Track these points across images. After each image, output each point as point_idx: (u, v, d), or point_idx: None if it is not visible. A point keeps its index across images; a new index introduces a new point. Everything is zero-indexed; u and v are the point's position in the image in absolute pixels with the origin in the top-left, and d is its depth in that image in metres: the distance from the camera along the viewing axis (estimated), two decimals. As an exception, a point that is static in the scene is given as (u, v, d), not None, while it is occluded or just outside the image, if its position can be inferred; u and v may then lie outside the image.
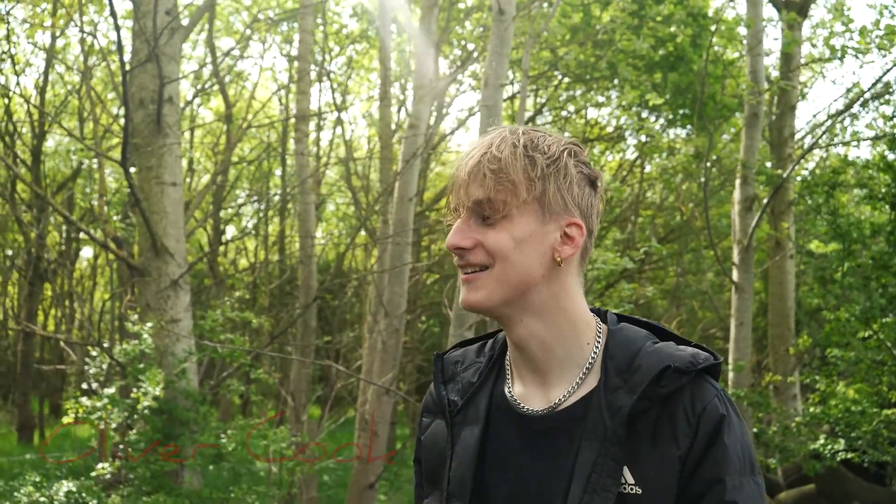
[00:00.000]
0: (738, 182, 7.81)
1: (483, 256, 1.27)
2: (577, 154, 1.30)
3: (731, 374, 7.14)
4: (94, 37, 9.99)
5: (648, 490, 1.20)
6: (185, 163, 15.22)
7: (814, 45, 11.83)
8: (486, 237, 1.26)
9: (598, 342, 1.31)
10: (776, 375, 8.01)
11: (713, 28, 8.95)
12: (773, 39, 16.42)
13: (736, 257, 7.52)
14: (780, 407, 7.34)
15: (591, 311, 1.37)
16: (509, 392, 1.34)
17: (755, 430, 7.08)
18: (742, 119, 8.28)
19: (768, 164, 9.03)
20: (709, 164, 8.18)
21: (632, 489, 1.20)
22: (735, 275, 7.44)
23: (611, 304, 8.45)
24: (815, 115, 15.16)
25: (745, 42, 8.45)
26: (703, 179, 8.21)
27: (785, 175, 7.86)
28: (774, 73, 9.97)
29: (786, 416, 7.18)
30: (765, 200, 8.03)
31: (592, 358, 1.30)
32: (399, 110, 12.25)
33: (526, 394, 1.32)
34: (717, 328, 13.17)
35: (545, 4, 9.17)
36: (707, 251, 11.08)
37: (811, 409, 6.69)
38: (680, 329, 12.88)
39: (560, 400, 1.28)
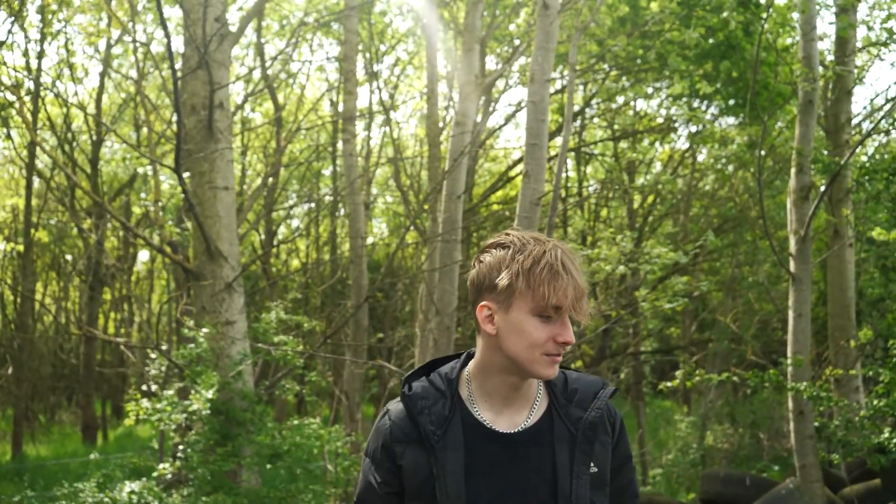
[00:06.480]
0: (793, 171, 7.61)
1: None
2: None
3: (789, 369, 6.96)
4: (148, 46, 10.21)
5: (601, 469, 1.80)
6: (237, 167, 15.46)
7: (870, 29, 11.44)
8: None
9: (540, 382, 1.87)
10: (837, 369, 7.77)
11: (765, 15, 8.73)
12: (828, 24, 15.98)
13: (793, 248, 7.33)
14: (842, 400, 7.13)
15: None
16: (481, 418, 1.80)
17: (816, 424, 6.89)
18: (796, 106, 8.06)
19: (825, 152, 8.78)
20: (763, 152, 7.98)
21: (593, 469, 1.78)
22: (792, 266, 7.25)
23: (664, 298, 8.31)
24: (871, 100, 14.70)
25: (798, 27, 8.22)
26: (757, 169, 8.02)
27: (842, 162, 7.62)
28: (830, 58, 9.69)
29: (848, 409, 6.96)
30: (822, 189, 7.81)
31: (539, 391, 1.86)
32: (447, 108, 12.24)
33: (496, 419, 1.80)
34: (776, 319, 12.88)
35: (591, -4, 9.07)
36: (763, 242, 10.83)
37: (875, 402, 6.48)
38: (736, 322, 12.63)
39: (527, 422, 1.81)
